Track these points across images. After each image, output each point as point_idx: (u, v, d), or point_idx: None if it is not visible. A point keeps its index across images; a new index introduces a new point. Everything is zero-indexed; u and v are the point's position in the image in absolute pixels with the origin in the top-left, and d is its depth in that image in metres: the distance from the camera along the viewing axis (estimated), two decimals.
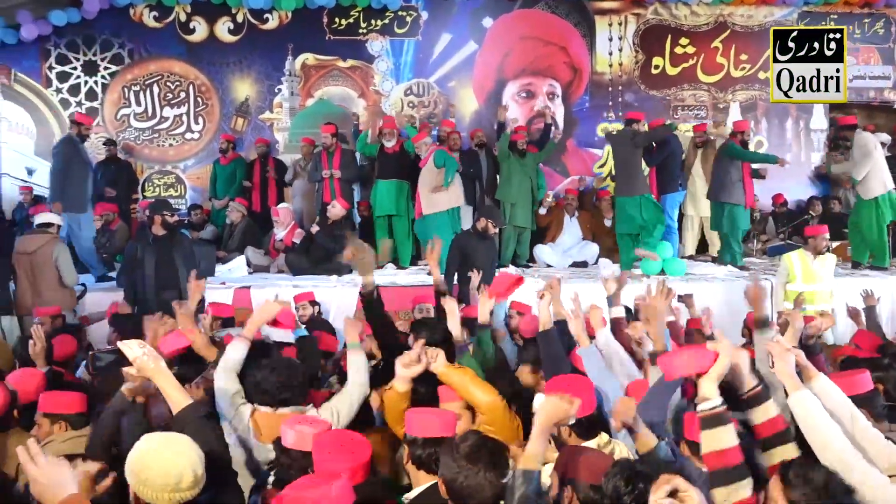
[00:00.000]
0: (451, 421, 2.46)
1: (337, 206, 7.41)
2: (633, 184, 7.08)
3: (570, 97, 10.25)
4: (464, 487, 2.06)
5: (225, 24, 9.96)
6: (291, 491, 1.97)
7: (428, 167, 7.32)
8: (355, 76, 10.14)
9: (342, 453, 2.25)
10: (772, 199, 9.64)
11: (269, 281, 7.08)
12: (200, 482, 2.02)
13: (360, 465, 2.26)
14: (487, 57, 10.16)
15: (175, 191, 10.09)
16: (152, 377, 2.47)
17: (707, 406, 2.12)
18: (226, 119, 10.09)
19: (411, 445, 2.40)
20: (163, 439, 2.07)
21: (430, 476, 2.34)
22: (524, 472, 2.02)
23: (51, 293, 5.80)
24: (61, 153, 7.04)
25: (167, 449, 2.01)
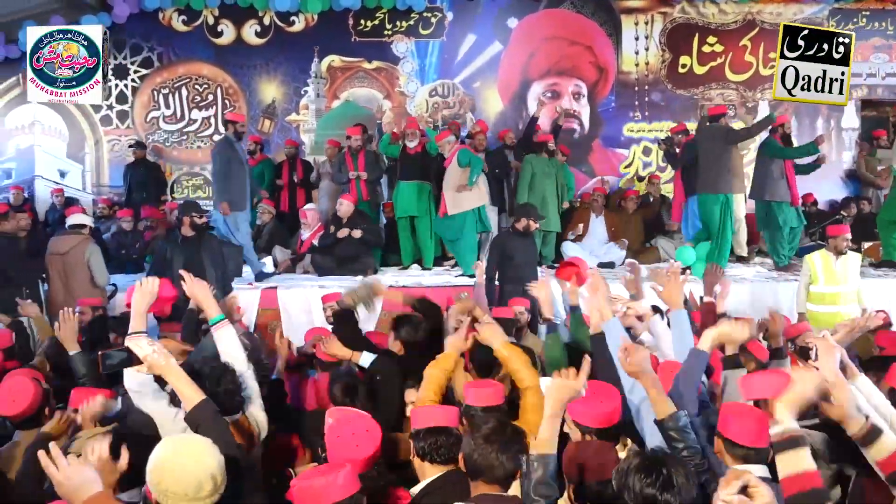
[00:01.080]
0: (453, 414, 2.51)
1: (344, 203, 7.44)
2: (718, 182, 6.95)
3: (596, 97, 10.17)
4: (478, 464, 2.16)
5: (252, 26, 10.04)
6: (300, 480, 2.01)
7: (452, 166, 7.30)
8: (380, 78, 10.17)
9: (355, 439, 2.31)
10: (802, 198, 9.45)
11: (296, 281, 7.11)
12: (220, 488, 1.97)
13: (371, 453, 2.30)
14: (512, 57, 10.13)
15: (203, 192, 10.19)
16: (163, 374, 2.46)
17: (779, 430, 2.01)
18: (253, 121, 10.17)
19: (415, 439, 2.44)
20: (182, 445, 2.02)
21: (436, 468, 2.40)
22: (539, 456, 2.06)
23: (83, 293, 5.86)
24: (221, 154, 6.92)
25: (187, 456, 1.96)
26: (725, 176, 6.97)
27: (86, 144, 10.18)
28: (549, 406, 2.17)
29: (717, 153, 6.98)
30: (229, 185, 6.87)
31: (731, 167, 7.03)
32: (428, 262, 7.82)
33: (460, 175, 7.27)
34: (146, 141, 9.92)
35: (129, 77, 10.06)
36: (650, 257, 8.28)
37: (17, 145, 10.13)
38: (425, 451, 2.40)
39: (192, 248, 5.58)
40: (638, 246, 8.46)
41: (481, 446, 2.17)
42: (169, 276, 5.48)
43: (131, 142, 9.74)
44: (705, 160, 7.05)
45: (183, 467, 1.93)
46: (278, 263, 7.84)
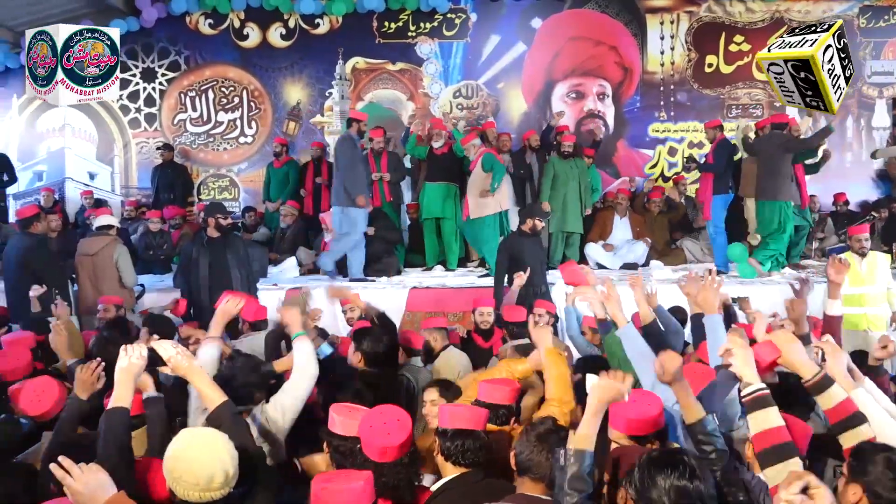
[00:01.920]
0: (481, 416, 2.52)
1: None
2: (779, 188, 6.94)
3: (621, 97, 10.09)
4: (528, 461, 2.27)
5: (277, 29, 10.11)
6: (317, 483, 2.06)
7: (477, 170, 7.27)
8: (404, 79, 10.18)
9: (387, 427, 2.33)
10: (833, 197, 9.31)
11: (320, 282, 7.13)
12: (231, 482, 2.03)
13: (403, 440, 2.32)
14: (536, 58, 10.08)
15: (229, 194, 10.28)
16: (186, 376, 2.51)
17: (750, 390, 2.17)
18: (278, 123, 10.24)
19: (441, 437, 2.46)
20: (198, 438, 2.08)
21: (457, 468, 2.42)
22: (576, 451, 2.07)
23: (112, 293, 5.93)
24: (344, 151, 7.01)
25: (201, 448, 2.02)
26: (786, 183, 7.00)
27: (114, 147, 10.32)
28: (591, 404, 2.18)
29: (776, 161, 6.97)
30: (354, 181, 6.90)
31: (789, 175, 7.07)
32: (452, 264, 7.82)
33: (483, 179, 7.24)
34: (173, 143, 10.03)
35: (156, 80, 10.18)
36: (676, 259, 8.21)
37: (49, 148, 10.30)
38: (451, 451, 2.42)
39: (218, 249, 5.62)
40: (663, 247, 8.39)
41: (534, 444, 2.26)
42: (195, 276, 5.59)
43: (159, 144, 9.86)
44: (766, 167, 7.04)
45: (197, 458, 1.99)
46: (302, 265, 7.88)
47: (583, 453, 2.06)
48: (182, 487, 1.99)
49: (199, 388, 2.48)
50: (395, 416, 2.40)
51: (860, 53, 9.82)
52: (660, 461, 1.86)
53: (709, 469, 2.04)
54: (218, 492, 1.99)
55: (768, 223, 6.99)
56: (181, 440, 2.06)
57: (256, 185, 10.02)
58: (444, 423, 2.47)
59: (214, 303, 5.52)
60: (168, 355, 2.49)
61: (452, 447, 2.42)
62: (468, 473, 2.41)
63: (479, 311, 5.15)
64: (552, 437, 2.27)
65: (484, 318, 5.08)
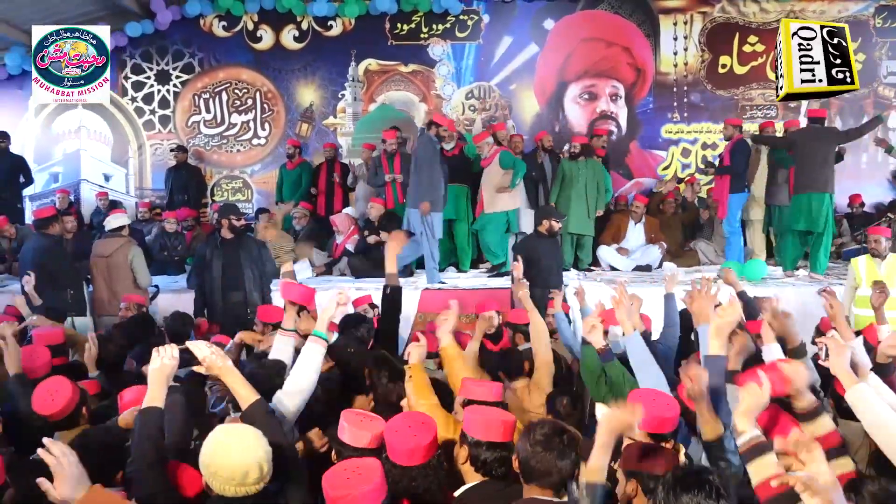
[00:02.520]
0: (512, 426, 2.45)
1: (374, 206, 7.47)
2: (825, 180, 6.87)
3: (634, 98, 10.06)
4: (534, 469, 2.18)
5: (290, 31, 10.16)
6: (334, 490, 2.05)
7: (493, 167, 7.28)
8: (417, 80, 10.19)
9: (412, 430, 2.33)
10: (848, 198, 9.23)
11: (333, 283, 7.15)
12: (266, 477, 2.08)
13: (429, 441, 2.31)
14: (549, 59, 10.07)
15: (242, 195, 10.33)
16: (221, 375, 2.53)
17: (745, 439, 2.07)
18: (291, 125, 10.28)
19: (475, 447, 2.37)
20: (235, 433, 2.13)
21: (479, 476, 2.37)
22: (587, 484, 2.03)
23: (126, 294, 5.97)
24: (424, 154, 6.90)
25: (237, 444, 2.07)
26: (830, 175, 6.93)
27: (129, 149, 10.39)
28: (600, 434, 2.12)
29: (823, 153, 6.90)
30: (432, 185, 6.85)
31: (833, 167, 7.02)
32: (464, 265, 7.82)
33: (501, 176, 7.26)
34: (187, 145, 10.09)
35: (170, 82, 10.25)
36: (689, 260, 8.16)
37: (64, 150, 10.39)
38: (485, 463, 2.35)
39: (231, 250, 5.64)
40: (676, 249, 8.34)
41: (538, 452, 2.17)
42: (208, 277, 5.62)
43: (173, 146, 9.92)
44: (809, 160, 6.95)
45: (232, 454, 2.04)
46: (315, 266, 7.90)
47: (595, 486, 2.03)
48: (218, 482, 2.04)
49: (232, 388, 2.50)
50: (419, 418, 2.41)
51: (875, 54, 9.74)
52: (686, 481, 1.82)
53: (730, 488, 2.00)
54: (253, 486, 2.05)
55: (816, 217, 6.86)
56: (217, 435, 2.11)
57: (269, 186, 10.07)
58: (477, 433, 2.37)
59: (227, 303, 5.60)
60: (203, 355, 2.52)
61: (489, 459, 2.34)
62: (491, 482, 2.36)
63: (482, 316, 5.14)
64: (555, 442, 2.18)
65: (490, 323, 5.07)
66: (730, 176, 7.29)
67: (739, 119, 7.90)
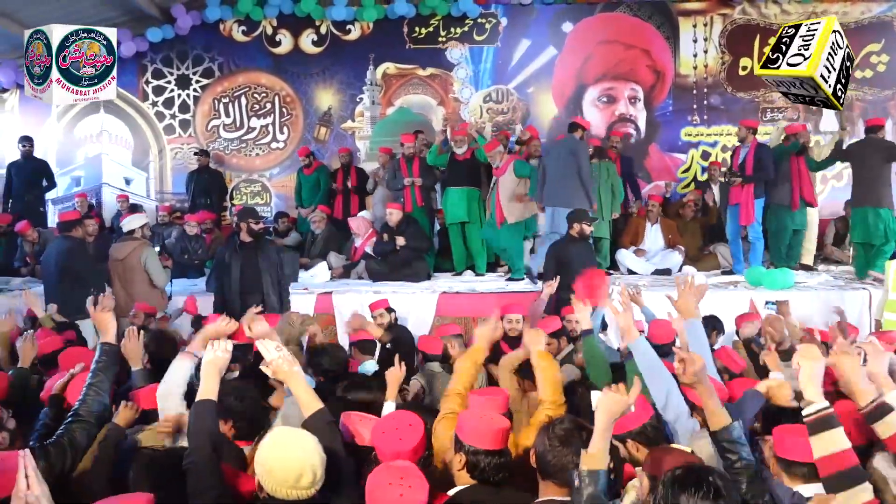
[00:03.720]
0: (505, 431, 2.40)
1: (394, 212, 7.41)
2: (881, 194, 6.85)
3: (653, 101, 10.01)
4: (552, 465, 2.20)
5: (309, 36, 10.23)
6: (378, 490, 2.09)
7: (508, 177, 7.25)
8: (435, 84, 10.22)
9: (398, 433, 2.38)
10: None
11: (351, 287, 7.17)
12: (318, 483, 2.09)
13: (415, 445, 2.35)
14: (567, 62, 10.05)
15: (261, 199, 10.41)
16: (286, 380, 2.53)
17: (812, 409, 2.03)
18: (309, 128, 10.34)
19: (472, 454, 2.32)
20: (293, 436, 2.15)
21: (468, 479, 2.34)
22: (589, 472, 2.02)
23: (143, 297, 6.02)
24: (584, 155, 7.11)
25: (295, 446, 2.09)
26: (886, 189, 6.89)
27: (150, 153, 10.51)
28: (599, 420, 2.11)
29: (878, 167, 6.87)
30: (589, 186, 7.02)
31: (889, 181, 6.97)
32: (481, 268, 7.81)
33: (517, 185, 7.23)
34: (207, 149, 10.18)
35: (190, 87, 10.35)
36: (709, 264, 8.09)
37: (86, 154, 10.53)
38: (483, 470, 2.31)
39: (250, 253, 5.68)
40: (695, 252, 8.28)
41: (556, 448, 2.20)
42: (227, 280, 5.66)
43: (195, 150, 10.02)
44: (867, 173, 6.93)
45: (289, 456, 2.06)
46: (333, 269, 7.93)
47: (597, 473, 2.01)
48: (271, 482, 2.05)
49: (297, 394, 2.49)
50: (406, 420, 2.43)
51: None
52: (684, 479, 1.79)
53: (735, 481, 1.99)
54: (305, 491, 2.06)
55: (874, 231, 6.83)
56: (277, 436, 2.14)
57: (288, 190, 10.13)
58: (473, 441, 2.33)
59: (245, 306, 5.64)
60: (270, 357, 2.50)
61: (486, 466, 2.30)
62: (482, 484, 2.31)
63: (507, 319, 5.13)
64: (574, 438, 2.20)
65: (512, 326, 5.07)
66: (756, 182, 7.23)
67: (756, 121, 7.83)
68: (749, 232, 7.32)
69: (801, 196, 7.45)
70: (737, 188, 7.28)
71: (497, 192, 7.31)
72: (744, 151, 7.29)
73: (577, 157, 6.94)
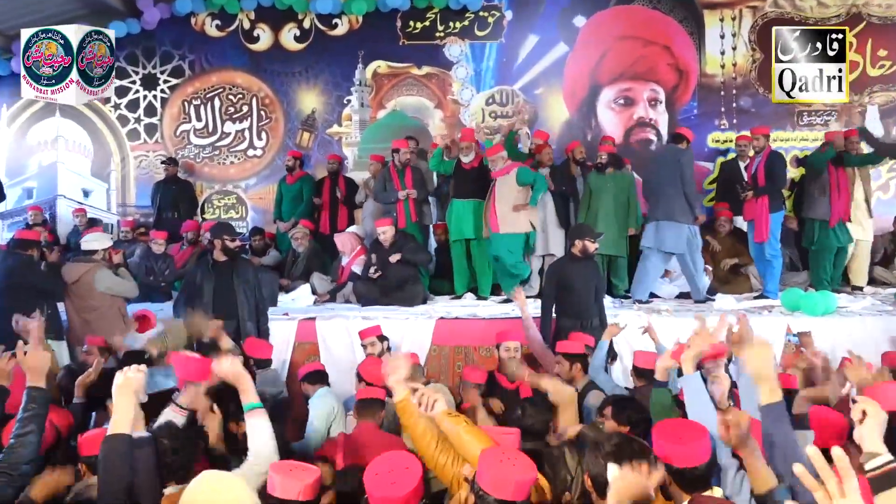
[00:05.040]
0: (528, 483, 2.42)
1: (387, 230, 7.39)
2: None
3: (676, 103, 10.07)
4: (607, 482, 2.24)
5: (291, 31, 10.30)
6: None
7: (507, 182, 7.27)
8: (431, 84, 10.28)
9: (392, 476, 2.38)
10: None
11: (336, 312, 7.16)
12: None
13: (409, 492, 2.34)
14: (580, 60, 10.12)
15: (236, 212, 10.42)
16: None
17: (877, 463, 1.94)
18: (290, 134, 10.38)
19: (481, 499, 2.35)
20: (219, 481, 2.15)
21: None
22: None
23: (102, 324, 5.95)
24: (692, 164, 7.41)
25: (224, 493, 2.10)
26: None
27: (111, 161, 10.54)
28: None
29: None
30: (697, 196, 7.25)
31: None
32: (485, 291, 7.79)
33: (517, 193, 7.25)
34: (176, 156, 10.22)
35: (158, 87, 10.41)
36: (741, 287, 8.09)
37: (40, 162, 10.56)
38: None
39: (224, 274, 5.66)
40: (725, 273, 8.27)
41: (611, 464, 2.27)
42: (198, 304, 5.65)
43: (161, 158, 10.06)
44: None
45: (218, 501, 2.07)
46: (318, 293, 7.91)
47: None
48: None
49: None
50: (403, 463, 2.43)
51: None
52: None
53: None
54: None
55: None
56: (201, 484, 2.13)
57: (266, 202, 10.16)
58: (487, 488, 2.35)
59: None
60: None
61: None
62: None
63: (504, 347, 5.14)
64: (626, 452, 2.28)
65: (510, 355, 5.07)
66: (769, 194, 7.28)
67: (767, 127, 7.93)
68: (766, 250, 7.35)
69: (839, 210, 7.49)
70: (751, 202, 7.32)
71: (493, 197, 7.36)
72: (756, 161, 7.36)
73: (682, 169, 7.17)
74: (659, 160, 7.51)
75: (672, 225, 7.13)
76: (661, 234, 7.15)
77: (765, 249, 7.31)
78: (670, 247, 7.15)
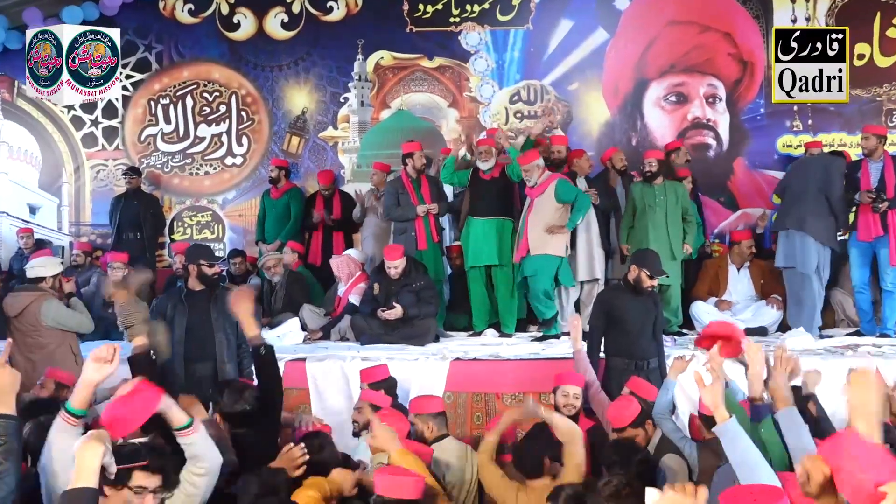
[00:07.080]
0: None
1: (399, 263, 7.32)
2: None
3: (739, 101, 10.08)
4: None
5: (277, 16, 10.40)
6: None
7: (546, 199, 7.28)
8: (445, 79, 10.34)
9: None
10: None
11: (330, 351, 7.16)
12: None
13: None
14: (622, 50, 10.17)
15: (211, 232, 10.48)
16: None
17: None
18: (276, 139, 10.45)
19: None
20: None
21: None
22: None
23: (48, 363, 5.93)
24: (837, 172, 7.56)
25: None
26: None
27: (63, 172, 10.63)
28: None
29: None
30: None
31: None
32: (508, 327, 7.77)
33: (555, 212, 7.23)
34: (140, 166, 10.27)
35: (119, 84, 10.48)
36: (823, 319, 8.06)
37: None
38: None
39: (200, 306, 5.66)
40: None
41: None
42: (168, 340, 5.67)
43: (122, 168, 10.09)
44: None
45: None
46: (309, 330, 7.91)
47: None
48: None
49: None
50: None
51: None
52: None
53: None
54: None
55: None
56: None
57: (246, 220, 10.21)
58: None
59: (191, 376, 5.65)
60: None
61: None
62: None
63: (562, 391, 5.12)
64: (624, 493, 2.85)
65: (569, 401, 5.06)
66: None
67: (884, 127, 7.87)
68: (889, 277, 7.29)
69: None
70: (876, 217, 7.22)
71: (527, 218, 7.36)
72: (875, 168, 7.35)
73: (830, 177, 7.34)
74: (806, 166, 7.80)
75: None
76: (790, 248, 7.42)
77: (887, 276, 7.29)
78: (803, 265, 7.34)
